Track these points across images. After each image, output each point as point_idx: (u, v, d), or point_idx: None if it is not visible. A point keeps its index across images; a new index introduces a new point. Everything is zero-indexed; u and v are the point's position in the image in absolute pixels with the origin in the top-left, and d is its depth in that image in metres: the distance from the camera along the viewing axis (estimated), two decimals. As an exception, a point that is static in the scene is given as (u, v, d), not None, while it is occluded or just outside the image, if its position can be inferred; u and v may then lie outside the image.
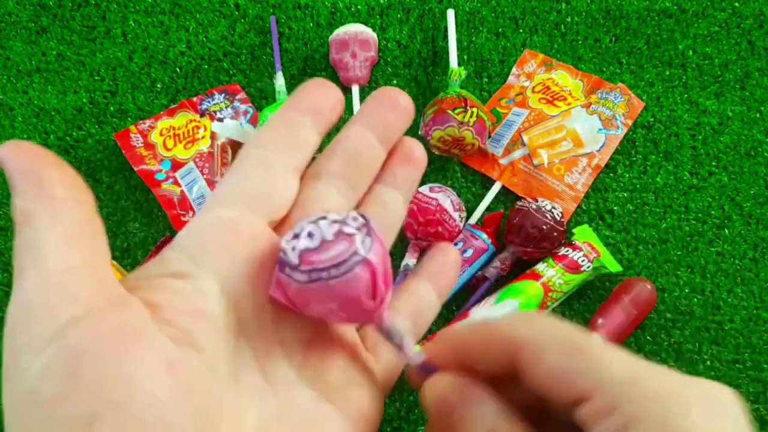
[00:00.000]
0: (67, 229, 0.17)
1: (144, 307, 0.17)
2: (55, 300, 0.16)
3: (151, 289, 0.18)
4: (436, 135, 0.57)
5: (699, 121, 0.63)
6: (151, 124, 0.62)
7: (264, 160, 0.22)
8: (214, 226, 0.20)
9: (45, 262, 0.16)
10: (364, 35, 0.63)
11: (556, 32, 0.68)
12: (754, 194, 0.60)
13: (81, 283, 0.16)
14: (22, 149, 0.17)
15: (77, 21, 0.69)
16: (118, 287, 0.17)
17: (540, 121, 0.62)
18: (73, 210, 0.17)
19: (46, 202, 0.17)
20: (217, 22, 0.69)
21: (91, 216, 0.18)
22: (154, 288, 0.18)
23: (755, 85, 0.64)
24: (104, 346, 0.15)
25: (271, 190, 0.21)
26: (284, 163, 0.22)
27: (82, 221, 0.18)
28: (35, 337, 0.15)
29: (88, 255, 0.17)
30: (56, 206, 0.17)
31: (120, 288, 0.17)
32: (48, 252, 0.16)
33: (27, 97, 0.65)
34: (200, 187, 0.60)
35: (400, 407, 0.53)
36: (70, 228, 0.17)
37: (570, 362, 0.17)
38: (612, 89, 0.63)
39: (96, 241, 0.18)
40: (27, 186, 0.17)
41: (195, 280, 0.18)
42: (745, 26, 0.67)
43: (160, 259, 0.19)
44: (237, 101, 0.64)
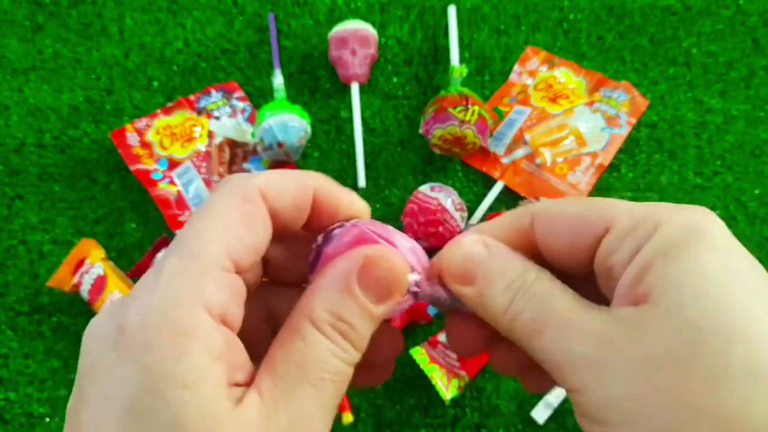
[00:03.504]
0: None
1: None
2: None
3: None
4: (437, 133, 0.56)
5: (703, 120, 0.62)
6: (147, 123, 0.62)
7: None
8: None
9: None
10: (363, 32, 0.63)
11: (559, 29, 0.67)
12: (759, 194, 0.59)
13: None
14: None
15: (73, 18, 0.68)
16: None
17: (542, 120, 0.61)
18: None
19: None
20: (215, 19, 0.68)
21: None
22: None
23: (760, 83, 0.64)
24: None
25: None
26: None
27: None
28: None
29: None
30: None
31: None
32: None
33: (22, 96, 0.64)
34: (197, 187, 0.59)
35: (400, 410, 0.52)
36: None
37: (589, 208, 0.19)
38: (615, 87, 0.62)
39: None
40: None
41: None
42: (749, 24, 0.66)
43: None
44: (235, 99, 0.64)
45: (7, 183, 0.61)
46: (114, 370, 0.16)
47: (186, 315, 0.16)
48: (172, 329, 0.16)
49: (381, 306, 0.19)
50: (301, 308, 0.19)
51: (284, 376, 0.18)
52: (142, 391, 0.16)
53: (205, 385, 0.16)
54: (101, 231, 0.59)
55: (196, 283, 0.17)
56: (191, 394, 0.16)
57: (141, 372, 0.16)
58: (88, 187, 0.60)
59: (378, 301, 0.19)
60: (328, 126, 0.63)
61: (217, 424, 0.16)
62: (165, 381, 0.16)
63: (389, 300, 0.20)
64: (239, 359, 0.18)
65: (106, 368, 0.16)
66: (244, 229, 0.18)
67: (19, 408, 0.53)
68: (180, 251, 0.18)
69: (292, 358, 0.18)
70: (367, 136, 0.62)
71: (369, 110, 0.63)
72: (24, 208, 0.60)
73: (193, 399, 0.16)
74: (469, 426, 0.52)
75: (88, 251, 0.55)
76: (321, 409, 0.18)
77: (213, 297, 0.17)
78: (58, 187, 0.60)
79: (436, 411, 0.52)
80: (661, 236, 0.17)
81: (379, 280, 0.19)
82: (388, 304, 0.20)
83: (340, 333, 0.19)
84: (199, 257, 0.17)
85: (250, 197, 0.19)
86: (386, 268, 0.20)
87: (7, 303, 0.56)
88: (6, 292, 0.57)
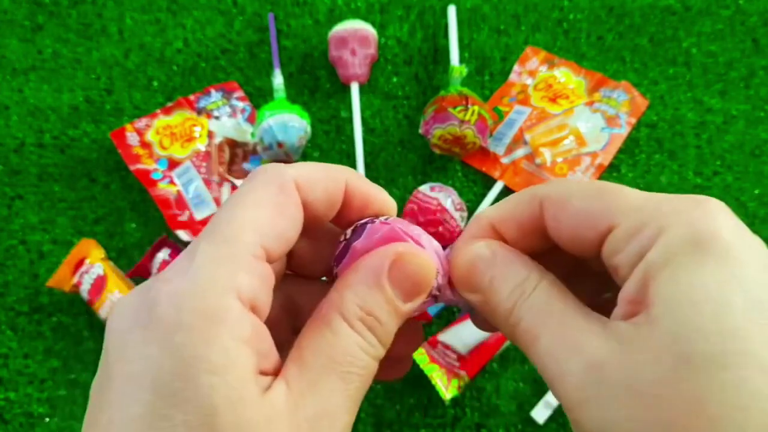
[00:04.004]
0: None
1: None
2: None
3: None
4: (436, 133, 0.56)
5: (703, 120, 0.62)
6: (147, 123, 0.62)
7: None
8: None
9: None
10: (363, 32, 0.63)
11: (559, 29, 0.67)
12: (759, 194, 0.59)
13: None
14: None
15: (73, 18, 0.68)
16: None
17: (542, 120, 0.61)
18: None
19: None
20: (215, 19, 0.68)
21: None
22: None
23: (760, 83, 0.63)
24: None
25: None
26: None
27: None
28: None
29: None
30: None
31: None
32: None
33: (22, 96, 0.64)
34: (197, 187, 0.59)
35: (400, 410, 0.52)
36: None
37: (593, 201, 0.19)
38: (615, 87, 0.62)
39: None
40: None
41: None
42: (749, 24, 0.66)
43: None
44: (234, 99, 0.64)
45: (7, 183, 0.61)
46: (142, 350, 0.16)
47: (217, 300, 0.16)
48: (204, 313, 0.16)
49: (408, 303, 0.20)
50: (331, 301, 0.19)
51: (312, 367, 0.18)
52: (171, 372, 0.16)
53: (235, 370, 0.16)
54: (101, 231, 0.59)
55: (228, 268, 0.17)
56: (220, 379, 0.16)
57: (170, 353, 0.16)
58: (88, 187, 0.60)
59: (406, 299, 0.20)
60: (328, 126, 0.63)
61: (246, 410, 0.16)
62: (194, 364, 0.16)
63: (417, 298, 0.20)
64: (266, 347, 0.18)
65: (133, 347, 0.16)
66: (277, 218, 0.19)
67: (19, 408, 0.53)
68: (213, 237, 0.18)
69: (320, 350, 0.18)
70: (367, 136, 0.62)
71: (369, 110, 0.63)
72: (24, 208, 0.60)
73: (222, 384, 0.16)
74: (469, 426, 0.52)
75: (88, 251, 0.55)
76: (347, 402, 0.18)
77: (244, 284, 0.17)
78: (58, 187, 0.60)
79: (436, 411, 0.52)
80: (664, 244, 0.16)
81: (408, 277, 0.20)
82: (415, 301, 0.20)
83: (368, 328, 0.19)
84: (232, 243, 0.17)
85: (285, 188, 0.19)
86: (416, 264, 0.20)
87: (7, 303, 0.56)
88: (6, 292, 0.57)
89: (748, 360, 0.15)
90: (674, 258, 0.16)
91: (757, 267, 0.16)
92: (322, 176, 0.20)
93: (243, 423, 0.16)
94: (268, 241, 0.18)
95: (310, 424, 0.17)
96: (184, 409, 0.15)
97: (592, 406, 0.16)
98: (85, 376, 0.54)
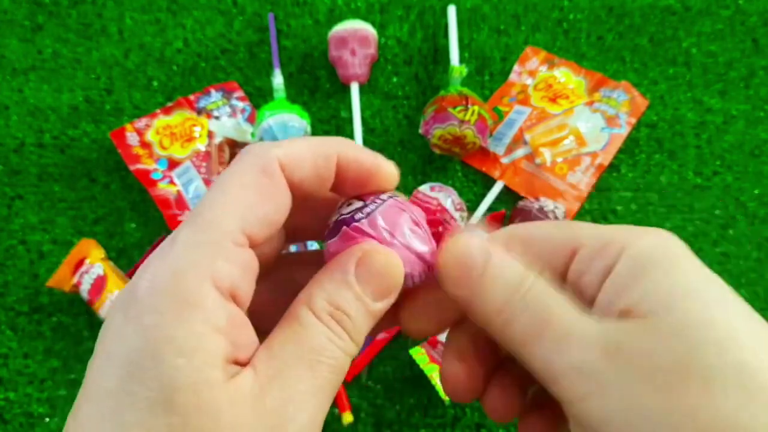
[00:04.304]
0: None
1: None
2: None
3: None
4: (436, 133, 0.56)
5: (703, 120, 0.62)
6: (147, 123, 0.62)
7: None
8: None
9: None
10: (363, 32, 0.63)
11: (559, 29, 0.67)
12: (758, 194, 0.59)
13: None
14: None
15: (73, 18, 0.68)
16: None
17: (542, 120, 0.61)
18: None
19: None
20: (215, 19, 0.68)
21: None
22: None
23: (760, 83, 0.64)
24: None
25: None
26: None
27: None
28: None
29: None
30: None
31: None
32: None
33: (22, 96, 0.64)
34: (197, 187, 0.59)
35: (400, 410, 0.52)
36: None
37: (555, 228, 0.21)
38: (615, 87, 0.62)
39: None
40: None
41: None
42: (749, 24, 0.66)
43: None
44: (234, 99, 0.64)
45: (7, 183, 0.61)
46: (120, 330, 0.17)
47: (193, 285, 0.17)
48: (178, 297, 0.16)
49: (378, 303, 0.20)
50: (300, 296, 0.19)
51: (280, 355, 0.18)
52: (141, 351, 0.16)
53: (202, 355, 0.16)
54: (101, 231, 0.59)
55: (206, 255, 0.17)
56: (186, 361, 0.16)
57: (142, 333, 0.16)
58: (88, 187, 0.60)
59: (376, 297, 0.20)
60: (328, 126, 0.63)
61: (209, 392, 0.16)
62: (163, 345, 0.16)
63: (386, 297, 0.20)
64: (243, 338, 0.18)
65: (114, 329, 0.17)
66: (260, 202, 0.18)
67: (18, 408, 0.53)
68: (194, 222, 0.18)
69: (288, 340, 0.18)
70: (367, 136, 0.62)
71: (369, 110, 0.63)
72: (24, 208, 0.60)
73: (186, 366, 0.16)
74: (469, 426, 0.52)
75: (88, 251, 0.55)
76: (316, 393, 0.18)
77: (222, 271, 0.17)
78: (58, 187, 0.60)
79: (436, 411, 0.52)
80: (632, 256, 0.18)
81: (374, 275, 0.20)
82: (386, 301, 0.20)
83: (337, 321, 0.19)
84: (212, 229, 0.17)
85: (268, 169, 0.19)
86: (382, 263, 0.20)
87: (7, 303, 0.56)
88: (6, 292, 0.57)
89: (745, 344, 0.16)
90: (646, 266, 0.18)
91: (715, 278, 0.19)
92: (309, 153, 0.20)
93: (203, 405, 0.16)
94: (250, 226, 0.18)
95: (274, 409, 0.17)
96: (149, 386, 0.16)
97: (601, 395, 0.17)
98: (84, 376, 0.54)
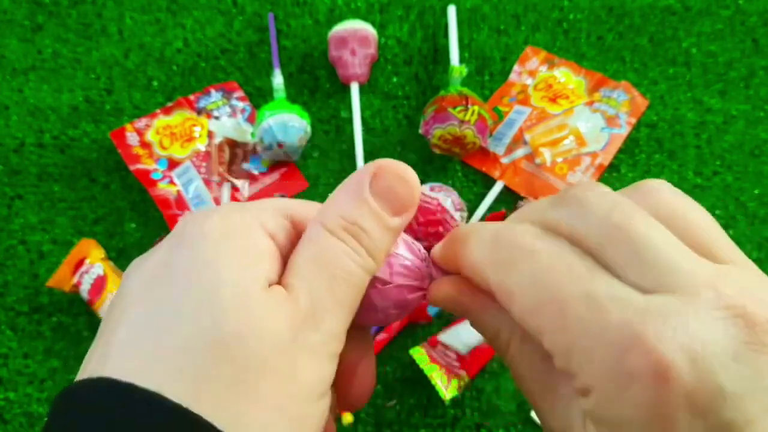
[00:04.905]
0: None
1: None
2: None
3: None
4: (436, 133, 0.56)
5: (703, 120, 0.62)
6: (147, 123, 0.62)
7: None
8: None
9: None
10: (363, 32, 0.63)
11: (559, 29, 0.67)
12: (758, 194, 0.59)
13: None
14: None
15: (73, 18, 0.68)
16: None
17: (542, 120, 0.61)
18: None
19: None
20: (215, 19, 0.68)
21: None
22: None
23: (760, 83, 0.64)
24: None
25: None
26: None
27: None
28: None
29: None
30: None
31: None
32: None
33: (22, 96, 0.64)
34: (197, 187, 0.59)
35: (400, 410, 0.52)
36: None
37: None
38: (615, 87, 0.62)
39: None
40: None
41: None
42: (749, 24, 0.66)
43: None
44: (234, 99, 0.64)
45: (7, 183, 0.61)
46: (166, 252, 0.19)
47: (243, 221, 0.19)
48: (228, 227, 0.18)
49: (396, 218, 0.20)
50: (316, 216, 0.20)
51: (302, 273, 0.19)
52: (194, 261, 0.17)
53: (247, 271, 0.18)
54: (101, 231, 0.59)
55: (254, 212, 0.19)
56: (230, 273, 0.17)
57: (190, 252, 0.18)
58: (88, 187, 0.60)
59: (393, 212, 0.20)
60: (328, 126, 0.63)
61: (249, 299, 0.17)
62: (211, 262, 0.17)
63: (404, 212, 0.20)
64: (280, 269, 0.19)
65: (157, 253, 0.19)
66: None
67: (18, 408, 0.53)
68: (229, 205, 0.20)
69: (306, 259, 0.19)
70: (367, 136, 0.62)
71: (369, 110, 0.63)
72: (24, 208, 0.60)
73: (230, 278, 0.17)
74: (468, 426, 0.52)
75: (88, 251, 0.55)
76: (337, 306, 0.18)
77: (269, 222, 0.19)
78: (58, 187, 0.60)
79: (435, 411, 0.52)
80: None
81: (390, 188, 0.20)
82: (404, 216, 0.20)
83: (352, 235, 0.19)
84: (254, 203, 0.20)
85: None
86: (398, 175, 0.20)
87: (6, 303, 0.56)
88: (6, 292, 0.57)
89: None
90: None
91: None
92: (278, 228, 0.21)
93: (244, 307, 0.17)
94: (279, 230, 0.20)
95: (303, 316, 0.18)
96: (188, 290, 0.17)
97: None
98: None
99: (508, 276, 0.18)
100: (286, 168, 0.61)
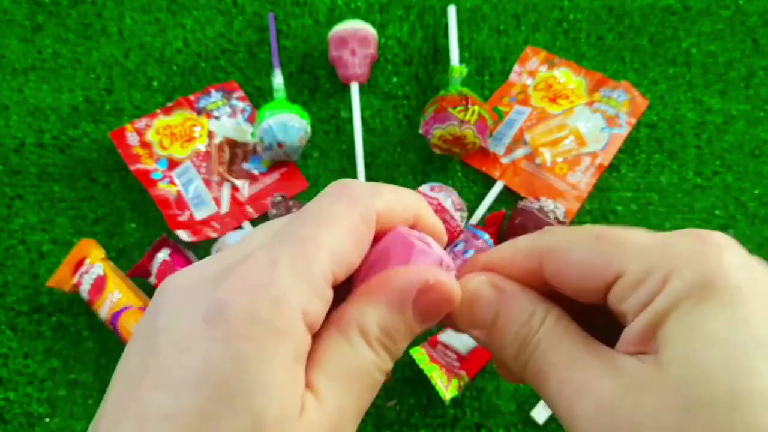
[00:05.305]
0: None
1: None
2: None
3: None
4: (436, 133, 0.56)
5: (703, 120, 0.62)
6: (147, 123, 0.62)
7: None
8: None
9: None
10: (363, 32, 0.63)
11: (559, 29, 0.67)
12: (758, 194, 0.59)
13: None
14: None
15: (73, 18, 0.68)
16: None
17: (542, 120, 0.61)
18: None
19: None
20: (215, 19, 0.68)
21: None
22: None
23: (760, 83, 0.64)
24: None
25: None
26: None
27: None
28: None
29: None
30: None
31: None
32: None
33: (22, 96, 0.64)
34: (197, 187, 0.59)
35: (400, 410, 0.52)
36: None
37: (596, 250, 0.19)
38: (615, 87, 0.62)
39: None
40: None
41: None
42: (749, 24, 0.66)
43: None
44: (234, 99, 0.64)
45: (7, 183, 0.61)
46: (205, 345, 0.16)
47: (288, 318, 0.17)
48: (274, 329, 0.17)
49: (424, 325, 0.20)
50: (353, 314, 0.19)
51: (334, 380, 0.18)
52: (230, 373, 0.16)
53: (290, 388, 0.17)
54: (101, 231, 0.59)
55: (304, 292, 0.17)
56: (274, 395, 0.16)
57: (235, 359, 0.16)
58: (88, 187, 0.60)
59: (423, 321, 0.20)
60: (327, 126, 0.63)
61: (289, 427, 0.16)
62: (256, 376, 0.16)
63: (433, 321, 0.20)
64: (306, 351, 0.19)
65: (195, 339, 0.17)
66: (353, 250, 0.19)
67: (18, 408, 0.53)
68: (296, 251, 0.18)
69: (341, 364, 0.18)
70: (367, 136, 0.62)
71: (369, 110, 0.63)
72: (24, 208, 0.60)
73: (275, 400, 0.16)
74: (468, 426, 0.52)
75: (88, 251, 0.55)
76: (356, 416, 0.19)
77: (312, 307, 0.17)
78: (58, 187, 0.60)
79: (435, 411, 0.52)
80: (671, 290, 0.17)
81: (432, 306, 0.20)
82: (431, 323, 0.20)
83: (384, 347, 0.19)
84: (312, 265, 0.18)
85: (368, 220, 0.19)
86: (443, 294, 0.20)
87: (6, 303, 0.56)
88: (6, 292, 0.57)
89: (757, 399, 0.15)
90: (682, 303, 0.16)
91: (763, 315, 0.16)
92: (400, 211, 0.21)
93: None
94: (339, 268, 0.18)
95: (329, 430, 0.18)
96: (234, 416, 0.16)
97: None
98: (85, 376, 0.54)
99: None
100: (286, 168, 0.61)
